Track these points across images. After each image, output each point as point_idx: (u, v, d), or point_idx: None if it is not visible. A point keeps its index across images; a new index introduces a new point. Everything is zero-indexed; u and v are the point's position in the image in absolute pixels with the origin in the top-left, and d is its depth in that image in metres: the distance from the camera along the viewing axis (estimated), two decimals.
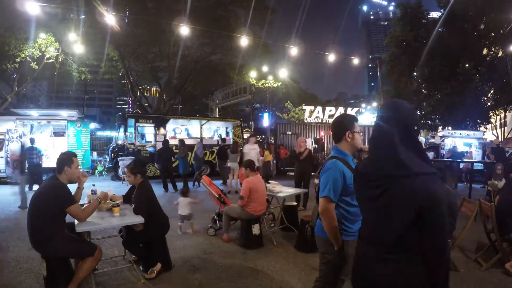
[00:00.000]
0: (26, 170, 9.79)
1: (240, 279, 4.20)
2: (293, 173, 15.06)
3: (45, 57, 18.61)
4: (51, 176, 3.77)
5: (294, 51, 12.91)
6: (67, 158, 3.69)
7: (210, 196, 6.71)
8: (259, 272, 4.40)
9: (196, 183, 11.88)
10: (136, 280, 4.11)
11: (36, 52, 17.54)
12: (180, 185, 10.57)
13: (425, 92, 22.71)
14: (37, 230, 3.48)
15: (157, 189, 9.28)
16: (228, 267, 4.55)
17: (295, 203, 6.51)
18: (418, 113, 21.84)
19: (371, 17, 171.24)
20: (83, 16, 18.51)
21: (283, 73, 24.22)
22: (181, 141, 11.87)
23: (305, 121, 19.05)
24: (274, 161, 14.62)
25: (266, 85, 25.50)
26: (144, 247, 4.34)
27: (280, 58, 26.19)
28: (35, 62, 18.25)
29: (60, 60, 19.52)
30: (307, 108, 19.66)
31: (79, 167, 3.89)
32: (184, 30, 11.87)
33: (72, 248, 3.62)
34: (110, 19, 11.01)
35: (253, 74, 23.99)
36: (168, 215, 4.57)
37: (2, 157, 11.82)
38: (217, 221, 6.12)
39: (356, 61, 14.25)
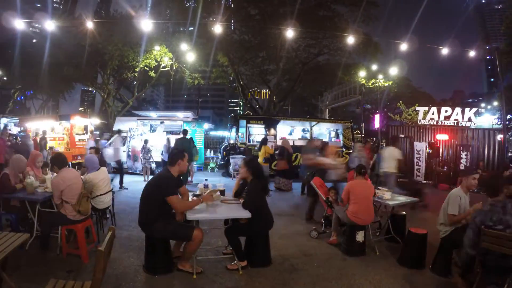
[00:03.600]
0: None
1: (336, 286, 4.09)
2: (405, 180, 14.17)
3: (161, 66, 20.82)
4: (164, 168, 4.34)
5: (404, 46, 11.99)
6: (180, 153, 4.28)
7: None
8: (356, 281, 4.22)
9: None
10: (235, 270, 4.31)
11: (152, 62, 19.74)
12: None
13: None
14: (143, 213, 4.09)
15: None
16: (326, 271, 4.46)
17: (404, 213, 6.04)
18: None
19: (483, 0, 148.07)
20: (192, 28, 20.19)
21: (394, 71, 22.78)
22: (309, 142, 11.08)
23: (418, 123, 17.62)
24: None
25: (377, 84, 24.29)
26: (247, 240, 4.61)
27: (390, 55, 24.78)
28: (153, 71, 20.52)
29: (174, 68, 21.54)
30: (421, 109, 18.13)
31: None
32: (289, 33, 11.92)
33: (170, 232, 4.10)
34: (217, 28, 11.68)
35: (362, 73, 23.01)
36: (274, 213, 4.71)
37: (124, 151, 13.47)
38: (323, 225, 6.03)
39: (472, 53, 12.66)
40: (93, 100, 79.63)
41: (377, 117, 29.60)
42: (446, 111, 17.07)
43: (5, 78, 28.80)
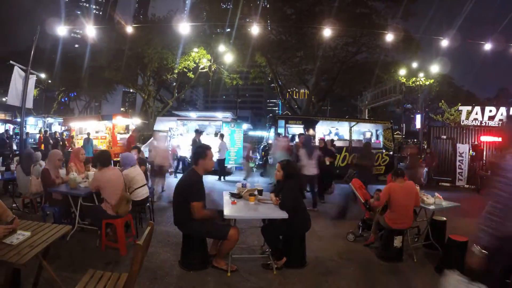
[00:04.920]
0: None
1: None
2: (447, 184, 13.58)
3: (200, 67, 21.24)
4: (190, 168, 4.35)
5: (444, 42, 11.43)
6: (201, 152, 4.24)
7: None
8: None
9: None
10: (269, 269, 4.31)
11: (191, 64, 20.25)
12: None
13: None
14: (177, 211, 4.17)
15: None
16: (361, 276, 4.36)
17: (445, 218, 5.73)
18: None
19: None
20: (229, 30, 20.44)
21: (435, 68, 21.81)
22: (368, 144, 10.36)
23: (461, 123, 16.79)
24: (426, 169, 13.35)
25: (417, 83, 23.42)
26: (283, 241, 4.55)
27: (430, 52, 23.84)
28: (191, 72, 20.95)
29: (212, 69, 21.90)
30: (464, 109, 17.24)
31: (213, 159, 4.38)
32: (326, 31, 11.74)
33: (206, 230, 4.14)
34: (254, 29, 11.78)
35: (402, 71, 22.29)
36: (312, 215, 4.66)
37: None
38: (360, 228, 5.87)
39: None
40: (134, 101, 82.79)
41: (418, 117, 28.59)
42: (491, 111, 16.13)
43: (49, 81, 30.49)
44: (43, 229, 3.10)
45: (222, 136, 12.67)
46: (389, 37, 12.63)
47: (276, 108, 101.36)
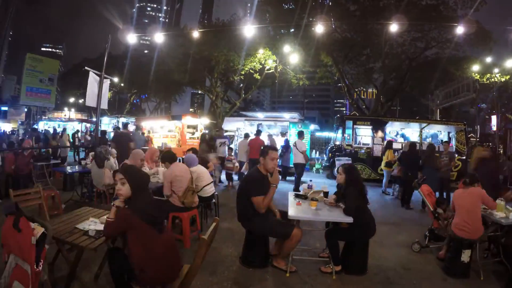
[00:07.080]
0: None
1: None
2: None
3: (266, 69, 21.44)
4: (255, 167, 4.48)
5: None
6: (263, 151, 4.31)
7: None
8: None
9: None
10: (328, 273, 4.29)
11: (257, 65, 20.49)
12: None
13: None
14: (240, 208, 4.30)
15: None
16: None
17: None
18: None
19: None
20: (293, 30, 20.37)
21: (511, 63, 19.75)
22: (431, 145, 9.83)
23: None
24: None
25: (492, 80, 21.41)
26: (346, 246, 4.56)
27: (506, 44, 21.65)
28: (257, 73, 21.24)
29: (278, 69, 21.99)
30: None
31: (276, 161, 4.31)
32: (392, 27, 11.24)
33: (268, 229, 4.23)
34: (318, 28, 11.71)
35: (475, 67, 20.50)
36: (377, 221, 4.54)
37: (231, 148, 14.26)
38: (427, 238, 5.55)
39: None
40: (202, 102, 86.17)
41: (493, 119, 26.21)
42: None
43: (121, 84, 32.94)
44: None
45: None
46: (460, 29, 11.73)
47: (344, 109, 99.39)
